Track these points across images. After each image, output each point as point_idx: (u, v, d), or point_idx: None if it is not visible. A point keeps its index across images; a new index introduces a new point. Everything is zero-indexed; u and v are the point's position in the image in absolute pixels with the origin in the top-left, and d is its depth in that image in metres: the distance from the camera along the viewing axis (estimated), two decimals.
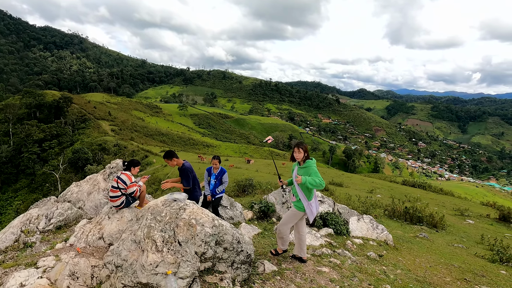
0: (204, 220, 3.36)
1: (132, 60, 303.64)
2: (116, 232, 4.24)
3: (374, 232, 5.28)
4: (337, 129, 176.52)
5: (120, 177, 4.39)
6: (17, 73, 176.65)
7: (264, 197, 6.60)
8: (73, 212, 5.37)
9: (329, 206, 5.78)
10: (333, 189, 16.14)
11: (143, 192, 4.59)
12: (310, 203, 4.07)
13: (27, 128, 60.55)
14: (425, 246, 5.15)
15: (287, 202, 5.82)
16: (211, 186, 5.46)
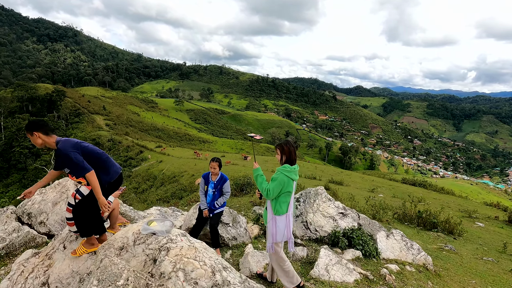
0: (198, 274, 2.21)
1: (128, 54, 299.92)
2: (69, 274, 2.82)
3: (409, 253, 4.22)
4: (333, 126, 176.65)
5: (80, 190, 2.94)
6: (10, 65, 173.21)
7: None
8: (21, 235, 3.83)
9: (353, 220, 4.52)
10: (335, 189, 15.76)
11: (114, 210, 3.38)
12: (275, 219, 3.00)
13: (19, 122, 59.20)
14: (457, 264, 4.53)
15: (302, 215, 4.50)
16: (208, 198, 4.36)
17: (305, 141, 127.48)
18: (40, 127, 2.73)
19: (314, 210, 4.36)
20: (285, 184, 2.91)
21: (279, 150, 3.05)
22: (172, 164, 32.34)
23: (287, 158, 3.01)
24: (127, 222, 3.71)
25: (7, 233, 3.74)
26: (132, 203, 22.61)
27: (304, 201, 4.58)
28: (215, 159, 4.30)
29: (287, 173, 2.93)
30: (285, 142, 3.07)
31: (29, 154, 53.86)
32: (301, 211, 4.54)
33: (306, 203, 4.52)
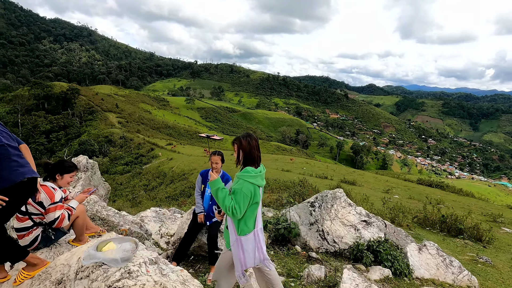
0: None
1: (140, 53, 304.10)
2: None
3: (448, 271, 3.43)
4: (345, 124, 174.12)
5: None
6: (28, 64, 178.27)
7: (283, 212, 4.53)
8: None
9: (378, 230, 3.73)
10: (348, 189, 15.25)
11: (79, 218, 2.68)
12: (240, 241, 2.29)
13: (35, 119, 60.81)
14: (499, 281, 4.03)
15: (317, 222, 3.81)
16: (206, 201, 3.57)
17: (316, 140, 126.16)
18: None
19: (332, 217, 3.74)
20: (251, 194, 2.21)
21: (236, 146, 2.31)
22: (182, 162, 32.38)
23: (246, 157, 2.29)
24: (102, 231, 3.03)
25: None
26: (141, 201, 22.67)
27: (320, 206, 3.94)
28: (217, 152, 3.46)
29: (252, 179, 2.21)
30: (244, 135, 2.34)
31: (44, 151, 55.23)
32: (316, 218, 3.81)
33: (322, 209, 3.88)
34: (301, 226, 3.92)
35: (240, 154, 2.30)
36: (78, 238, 2.79)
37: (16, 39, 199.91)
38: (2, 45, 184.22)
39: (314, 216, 3.88)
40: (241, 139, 2.31)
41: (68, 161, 2.77)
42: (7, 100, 70.57)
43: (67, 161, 2.76)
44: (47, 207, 2.48)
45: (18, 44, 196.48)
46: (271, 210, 7.38)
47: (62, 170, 2.69)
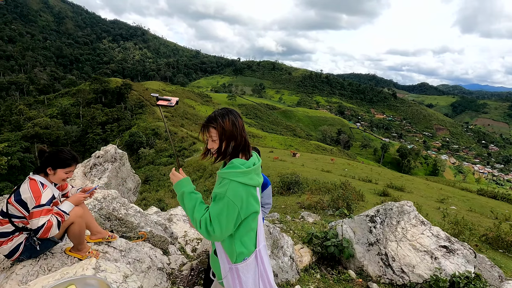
0: None
1: (187, 51, 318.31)
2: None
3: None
4: (391, 125, 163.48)
5: (19, 190, 1.99)
6: (90, 62, 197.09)
7: (331, 224, 3.77)
8: None
9: (465, 260, 2.75)
10: (396, 195, 13.84)
11: (74, 225, 2.12)
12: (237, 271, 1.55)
13: (93, 112, 66.87)
14: None
15: (379, 243, 2.96)
16: None
17: (358, 141, 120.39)
18: None
19: (399, 237, 2.88)
20: (243, 202, 1.43)
21: (216, 131, 1.50)
22: None
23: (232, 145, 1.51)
24: (111, 237, 2.48)
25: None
26: None
27: (383, 222, 3.09)
28: (253, 148, 2.62)
29: (244, 178, 1.45)
30: (222, 112, 1.54)
31: (100, 140, 60.46)
32: (377, 237, 2.97)
33: (386, 226, 3.04)
34: (357, 245, 3.09)
35: (223, 142, 1.50)
36: (77, 246, 2.25)
37: (81, 39, 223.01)
38: (70, 45, 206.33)
39: (375, 234, 3.02)
40: (222, 119, 1.49)
41: (66, 151, 2.12)
42: (72, 93, 78.76)
43: (64, 151, 2.11)
44: (31, 210, 1.92)
45: (83, 44, 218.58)
46: (312, 215, 6.70)
47: (55, 163, 2.04)
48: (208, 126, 1.51)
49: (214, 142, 1.51)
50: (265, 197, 2.74)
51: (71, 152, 2.12)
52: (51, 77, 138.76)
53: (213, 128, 1.49)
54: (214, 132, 1.49)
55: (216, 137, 1.49)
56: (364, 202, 13.10)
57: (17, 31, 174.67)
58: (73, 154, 2.13)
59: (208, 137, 1.52)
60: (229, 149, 1.50)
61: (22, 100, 79.81)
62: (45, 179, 2.04)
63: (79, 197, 2.18)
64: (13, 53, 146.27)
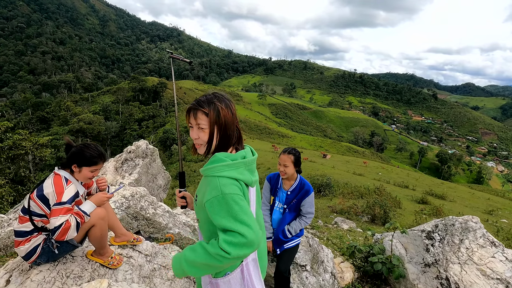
0: None
1: (220, 51, 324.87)
2: None
3: None
4: (430, 128, 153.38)
5: (42, 185, 1.82)
6: (130, 62, 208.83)
7: (376, 237, 3.26)
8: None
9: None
10: (437, 204, 12.78)
11: (95, 228, 1.93)
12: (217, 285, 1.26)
13: (131, 109, 70.63)
14: None
15: (438, 264, 2.44)
16: (274, 219, 2.53)
17: (393, 144, 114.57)
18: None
19: (463, 260, 2.39)
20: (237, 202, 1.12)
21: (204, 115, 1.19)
22: None
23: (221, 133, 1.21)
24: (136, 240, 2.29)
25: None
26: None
27: (442, 239, 2.56)
28: (289, 150, 2.40)
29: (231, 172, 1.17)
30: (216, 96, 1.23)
31: (136, 136, 63.71)
32: (436, 257, 2.49)
33: (446, 244, 2.52)
34: (409, 264, 2.63)
35: (215, 132, 1.20)
36: (99, 251, 2.06)
37: (122, 40, 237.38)
38: (112, 46, 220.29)
39: (433, 253, 2.53)
40: (218, 105, 1.19)
41: (92, 147, 1.89)
42: (113, 91, 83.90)
43: (90, 147, 1.88)
44: (52, 207, 1.73)
45: (124, 45, 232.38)
46: (346, 221, 6.27)
47: (80, 161, 1.84)
48: (197, 111, 1.19)
49: (201, 131, 1.20)
50: (306, 205, 2.44)
51: (98, 149, 1.91)
52: (95, 76, 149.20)
53: (203, 114, 1.18)
54: (204, 119, 1.18)
55: (207, 125, 1.18)
56: (402, 209, 12.25)
57: (67, 33, 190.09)
58: (100, 151, 1.92)
59: (195, 125, 1.21)
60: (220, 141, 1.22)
61: (69, 97, 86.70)
62: (70, 175, 1.88)
63: (102, 197, 1.95)
64: (63, 54, 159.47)
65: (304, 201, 2.42)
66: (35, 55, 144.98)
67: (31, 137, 8.32)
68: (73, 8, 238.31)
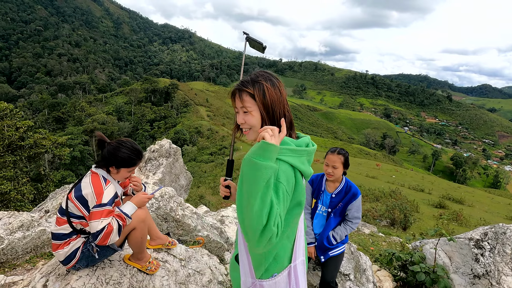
0: None
1: (230, 52, 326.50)
2: None
3: None
4: (444, 131, 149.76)
5: (80, 184, 1.71)
6: (142, 63, 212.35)
7: (415, 244, 3.03)
8: (30, 237, 2.26)
9: None
10: (456, 209, 12.36)
11: (135, 231, 1.83)
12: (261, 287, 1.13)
13: (143, 109, 71.68)
14: None
15: (489, 276, 2.27)
16: (317, 223, 2.35)
17: (406, 146, 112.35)
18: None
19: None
20: (293, 185, 1.04)
21: (250, 96, 1.07)
22: None
23: (270, 116, 1.08)
24: (171, 243, 2.22)
25: (10, 231, 2.21)
26: None
27: (492, 248, 2.38)
28: (337, 149, 2.21)
29: (295, 159, 1.05)
30: (263, 75, 1.10)
31: (148, 136, 64.57)
32: (487, 268, 2.32)
33: (497, 254, 2.34)
34: (455, 275, 2.46)
35: (262, 112, 1.08)
36: (137, 255, 1.96)
37: (135, 42, 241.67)
38: (126, 48, 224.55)
39: (483, 264, 2.34)
40: (264, 84, 1.07)
41: (129, 146, 1.76)
42: (125, 92, 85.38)
43: (127, 146, 1.75)
44: (91, 209, 1.62)
45: (136, 47, 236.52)
46: (367, 225, 6.07)
47: (118, 163, 1.73)
48: (242, 92, 1.09)
49: (248, 114, 1.09)
50: (353, 209, 2.27)
51: (135, 147, 1.78)
52: (108, 77, 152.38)
53: (248, 95, 1.08)
54: (249, 101, 1.08)
55: (254, 106, 1.07)
56: (419, 213, 11.91)
57: (82, 36, 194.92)
58: (138, 149, 1.80)
59: (240, 108, 1.11)
60: (269, 124, 1.08)
61: (84, 98, 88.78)
62: (107, 174, 1.76)
63: (143, 198, 1.83)
64: (79, 56, 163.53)
65: (351, 205, 2.25)
66: (51, 57, 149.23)
67: (50, 136, 8.51)
68: (89, 11, 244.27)
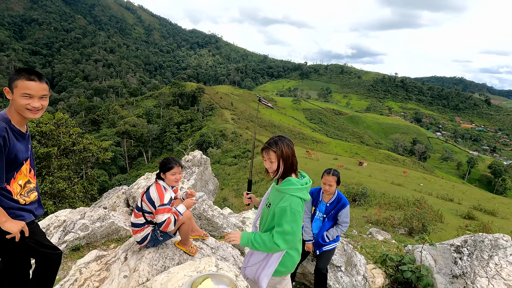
0: None
1: (256, 56, 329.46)
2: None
3: None
4: (482, 136, 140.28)
5: (149, 190, 2.51)
6: (171, 68, 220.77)
7: (408, 248, 3.57)
8: (104, 226, 3.24)
9: None
10: (486, 221, 11.97)
11: (184, 224, 2.58)
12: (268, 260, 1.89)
13: (171, 113, 74.65)
14: None
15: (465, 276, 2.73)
16: (315, 226, 3.08)
17: (438, 152, 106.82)
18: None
19: (491, 274, 2.59)
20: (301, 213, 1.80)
21: (275, 154, 1.80)
22: None
23: (288, 166, 1.82)
24: (205, 235, 3.01)
25: (91, 221, 3.29)
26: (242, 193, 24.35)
27: (471, 254, 2.82)
28: (332, 171, 2.92)
29: (300, 193, 1.78)
30: (281, 139, 1.86)
31: (175, 138, 67.08)
32: (463, 269, 2.72)
33: (474, 259, 2.77)
34: (437, 275, 2.87)
35: (280, 164, 1.80)
36: (183, 241, 2.77)
37: (164, 48, 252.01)
38: (155, 53, 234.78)
39: (461, 266, 2.78)
40: (282, 145, 1.80)
41: (170, 157, 2.59)
42: (155, 96, 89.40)
43: (168, 158, 2.58)
44: (157, 207, 2.42)
45: (166, 52, 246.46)
46: (381, 232, 6.32)
47: (162, 169, 2.52)
48: (269, 149, 1.82)
49: (272, 163, 1.82)
50: (343, 216, 2.95)
51: (172, 158, 2.59)
52: (139, 81, 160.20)
53: (272, 152, 1.80)
54: (273, 155, 1.80)
55: (275, 159, 1.80)
56: (443, 224, 11.71)
57: (116, 42, 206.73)
58: (174, 158, 2.58)
59: (267, 159, 1.84)
60: (284, 169, 1.82)
61: (117, 101, 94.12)
62: (165, 183, 2.52)
63: (190, 202, 2.64)
64: (113, 61, 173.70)
65: (341, 212, 2.95)
66: (89, 63, 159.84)
67: (95, 141, 9.55)
68: (123, 19, 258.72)
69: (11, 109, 1.67)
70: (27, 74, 1.63)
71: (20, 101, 1.62)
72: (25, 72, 1.64)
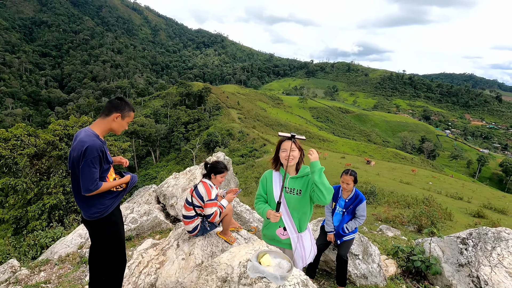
0: None
1: (261, 55, 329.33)
2: (174, 283, 2.76)
3: None
4: (493, 134, 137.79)
5: (198, 188, 2.98)
6: (177, 68, 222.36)
7: (418, 241, 3.95)
8: (150, 220, 3.84)
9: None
10: (495, 219, 12.06)
11: (227, 216, 3.07)
12: (301, 237, 2.40)
13: (178, 112, 75.35)
14: None
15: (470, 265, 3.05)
16: (335, 219, 3.51)
17: (447, 150, 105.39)
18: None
19: (493, 263, 2.89)
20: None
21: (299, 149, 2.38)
22: None
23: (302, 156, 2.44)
24: (239, 227, 3.47)
25: (139, 215, 3.94)
26: (252, 191, 24.62)
27: (475, 245, 3.14)
28: (350, 171, 3.36)
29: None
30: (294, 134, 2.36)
31: (183, 138, 67.75)
32: (468, 259, 3.03)
33: (479, 250, 3.08)
34: (445, 264, 3.20)
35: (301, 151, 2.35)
36: (224, 232, 3.22)
37: (171, 48, 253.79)
38: (162, 53, 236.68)
39: (466, 256, 3.10)
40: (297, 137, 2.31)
41: (221, 162, 3.05)
42: (162, 96, 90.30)
43: (220, 162, 3.05)
44: (205, 202, 2.88)
45: (172, 52, 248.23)
46: (391, 229, 6.55)
47: (215, 171, 2.99)
48: (295, 141, 2.28)
49: (295, 152, 2.28)
50: (360, 210, 3.40)
51: (223, 163, 3.06)
52: (146, 81, 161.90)
53: (294, 143, 2.27)
54: (294, 146, 2.27)
55: (296, 148, 2.28)
56: (452, 222, 11.84)
57: (123, 43, 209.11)
58: (225, 165, 3.07)
59: (290, 148, 2.26)
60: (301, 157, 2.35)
61: None
62: (210, 182, 2.98)
63: (231, 197, 3.09)
64: (120, 62, 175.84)
65: (359, 207, 3.40)
66: (97, 64, 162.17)
67: (115, 143, 9.96)
68: (129, 20, 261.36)
69: (100, 126, 2.27)
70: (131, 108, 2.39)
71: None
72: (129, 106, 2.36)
